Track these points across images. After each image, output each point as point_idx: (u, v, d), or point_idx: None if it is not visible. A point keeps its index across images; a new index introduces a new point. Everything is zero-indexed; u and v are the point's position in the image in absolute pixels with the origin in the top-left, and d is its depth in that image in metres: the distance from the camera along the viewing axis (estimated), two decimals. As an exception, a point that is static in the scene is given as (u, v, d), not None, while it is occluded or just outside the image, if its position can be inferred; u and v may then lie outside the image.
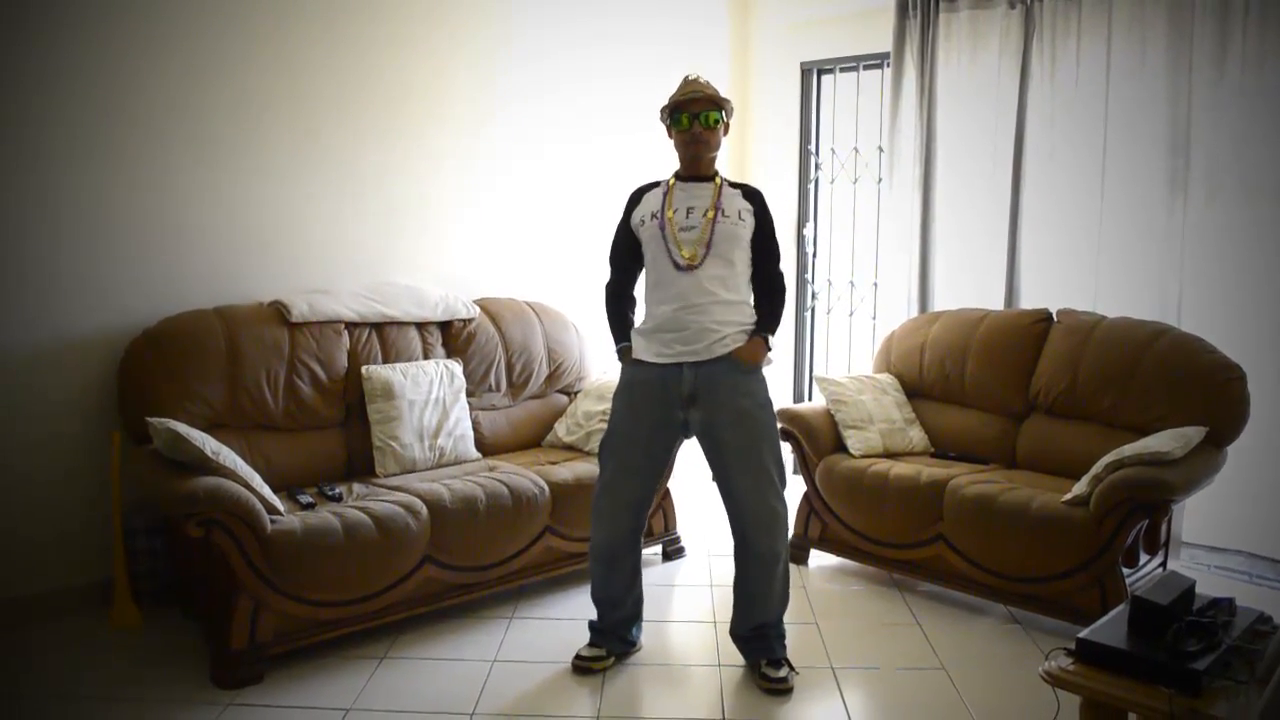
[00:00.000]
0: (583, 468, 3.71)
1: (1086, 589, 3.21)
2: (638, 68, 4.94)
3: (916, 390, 4.26)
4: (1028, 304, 4.38)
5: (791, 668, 3.01)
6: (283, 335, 3.54)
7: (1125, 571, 3.23)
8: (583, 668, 3.07)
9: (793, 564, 3.51)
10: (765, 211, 3.06)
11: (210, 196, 3.64)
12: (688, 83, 3.00)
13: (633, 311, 3.18)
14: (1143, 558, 3.38)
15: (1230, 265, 3.89)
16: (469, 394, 3.94)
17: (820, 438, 4.00)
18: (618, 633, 3.15)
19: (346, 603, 3.09)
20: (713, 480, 3.07)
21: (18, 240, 3.24)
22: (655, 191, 3.08)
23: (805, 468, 4.04)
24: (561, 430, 4.14)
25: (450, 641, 3.27)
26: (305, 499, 3.24)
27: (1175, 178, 3.98)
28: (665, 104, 3.02)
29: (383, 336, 3.81)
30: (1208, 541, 4.00)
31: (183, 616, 3.36)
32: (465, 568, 3.38)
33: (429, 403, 3.73)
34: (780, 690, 2.93)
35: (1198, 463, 3.28)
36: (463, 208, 4.40)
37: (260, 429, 3.49)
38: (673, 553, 4.12)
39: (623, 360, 3.10)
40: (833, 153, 5.31)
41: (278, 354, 3.50)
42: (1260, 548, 3.90)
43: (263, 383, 3.46)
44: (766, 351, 3.00)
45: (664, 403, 2.98)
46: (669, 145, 3.07)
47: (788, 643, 3.08)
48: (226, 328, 3.44)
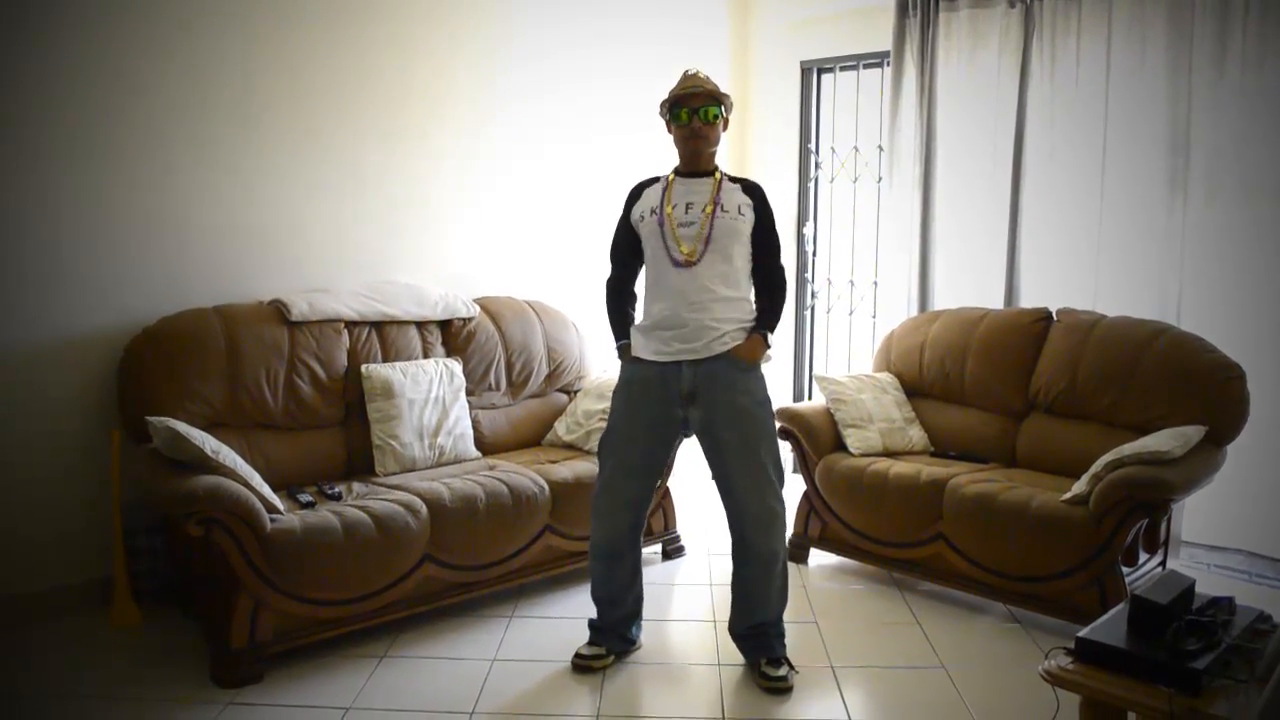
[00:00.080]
0: (582, 466, 3.71)
1: (1086, 588, 3.22)
2: (638, 68, 4.94)
3: (916, 389, 4.26)
4: (1027, 303, 4.38)
5: (791, 666, 3.01)
6: (282, 334, 3.54)
7: (1125, 570, 3.23)
8: (583, 666, 3.07)
9: (792, 563, 3.51)
10: (765, 205, 3.05)
11: (210, 196, 3.64)
12: (687, 77, 2.99)
13: (633, 308, 3.17)
14: (1142, 557, 3.38)
15: (1230, 265, 3.89)
16: (469, 393, 3.94)
17: (820, 437, 4.00)
18: (618, 631, 3.15)
19: (346, 602, 3.09)
20: (711, 478, 3.07)
21: (18, 240, 3.24)
22: (655, 187, 3.07)
23: (805, 467, 4.04)
24: (561, 429, 4.14)
25: (450, 640, 3.28)
26: (305, 498, 3.24)
27: (1175, 177, 3.99)
28: (665, 99, 3.02)
29: (382, 335, 3.81)
30: (1207, 540, 4.00)
31: (182, 616, 3.36)
32: (465, 567, 3.38)
33: (429, 402, 3.73)
34: (780, 689, 2.93)
35: (1197, 462, 3.28)
36: (463, 207, 4.40)
37: (260, 428, 3.49)
38: (672, 551, 4.12)
39: (622, 358, 3.10)
40: (833, 151, 5.31)
41: (277, 353, 3.51)
42: (1260, 547, 3.90)
43: (262, 382, 3.46)
44: (765, 349, 2.99)
45: (663, 400, 2.98)
46: (669, 144, 3.07)
47: (787, 641, 3.08)
48: (226, 327, 3.44)
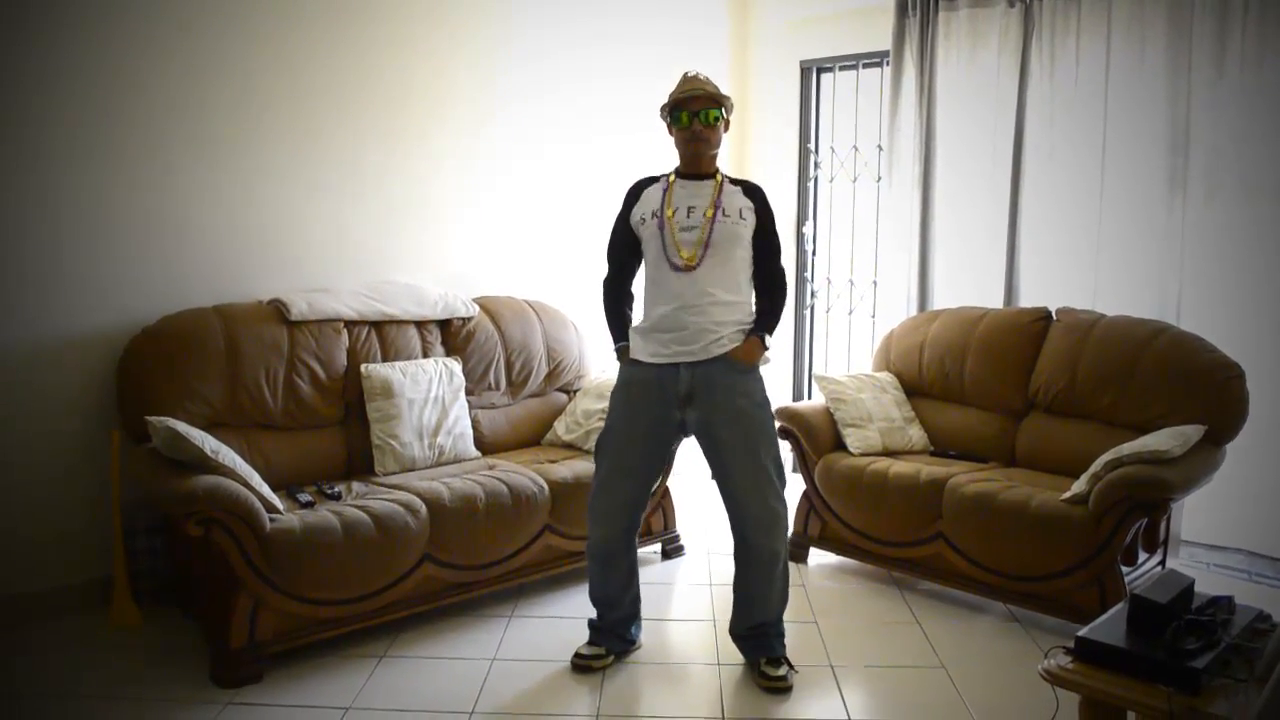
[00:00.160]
0: (582, 466, 3.71)
1: (1085, 587, 3.22)
2: (637, 68, 4.94)
3: (916, 389, 4.26)
4: (1027, 302, 4.38)
5: (791, 666, 3.01)
6: (282, 334, 3.54)
7: (1124, 570, 3.23)
8: (582, 666, 3.07)
9: (792, 562, 3.50)
10: (766, 208, 3.05)
11: (210, 196, 3.64)
12: (687, 80, 2.99)
13: (630, 308, 3.17)
14: (1142, 556, 3.38)
15: (1229, 264, 3.89)
16: (468, 392, 3.94)
17: (819, 436, 4.00)
18: (617, 632, 3.15)
19: (346, 601, 3.09)
20: (711, 479, 3.07)
21: (18, 240, 3.25)
22: (655, 188, 3.06)
23: (804, 466, 4.04)
24: (561, 428, 4.14)
25: (450, 640, 3.28)
26: (304, 498, 3.24)
27: (1174, 176, 3.99)
28: (665, 102, 3.01)
29: (382, 335, 3.81)
30: (1207, 540, 4.01)
31: (182, 615, 3.36)
32: (465, 566, 3.38)
33: (428, 401, 3.73)
34: (779, 688, 2.94)
35: (1197, 461, 3.28)
36: (462, 207, 4.40)
37: (259, 428, 3.49)
38: (672, 551, 4.12)
39: (620, 359, 3.10)
40: (832, 151, 5.31)
41: (277, 353, 3.51)
42: (1259, 546, 3.90)
43: (262, 381, 3.46)
44: (763, 351, 2.99)
45: (661, 402, 2.97)
46: (669, 144, 3.07)
47: (787, 641, 3.08)
48: (226, 326, 3.44)
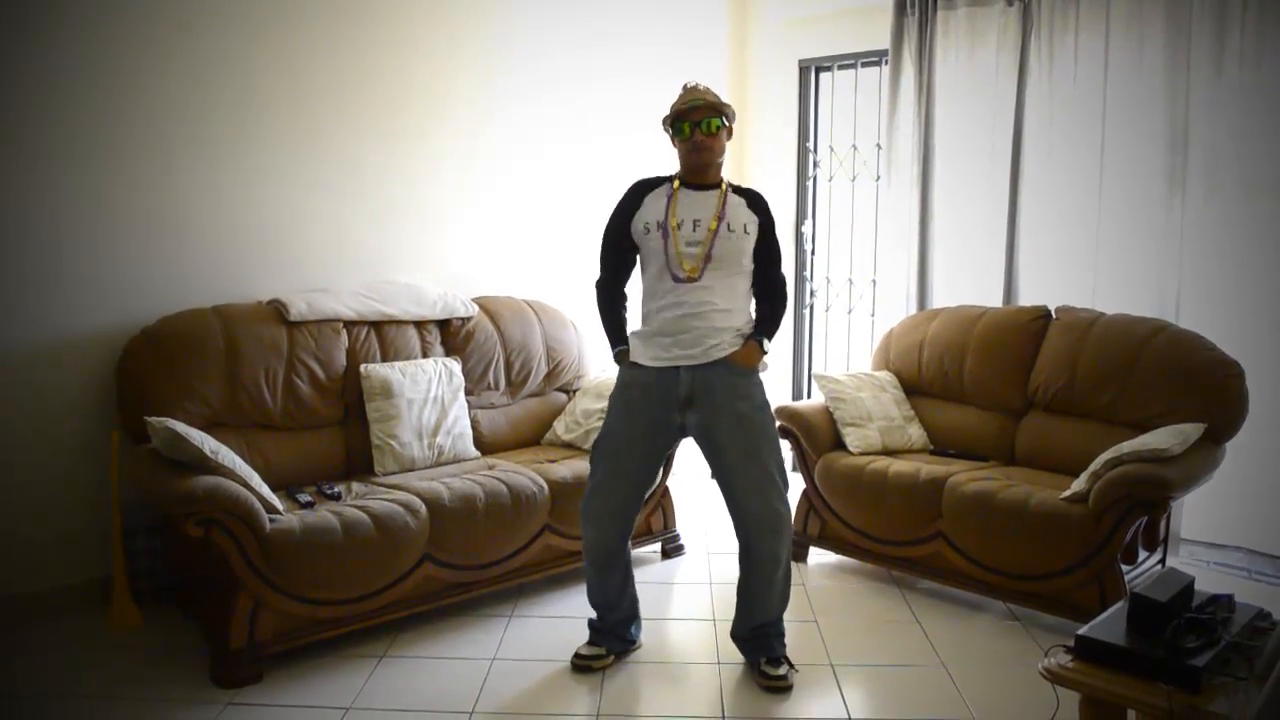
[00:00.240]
0: (582, 466, 3.70)
1: (1085, 586, 3.22)
2: (636, 67, 4.94)
3: (915, 387, 4.26)
4: (1026, 301, 4.38)
5: (791, 665, 3.01)
6: (281, 334, 3.54)
7: (1124, 568, 3.23)
8: (582, 666, 3.07)
9: (792, 562, 3.49)
10: (768, 217, 3.05)
11: (210, 196, 3.64)
12: (687, 90, 2.98)
13: (625, 309, 3.15)
14: (1142, 554, 3.38)
15: (1229, 262, 3.89)
16: (468, 392, 3.94)
17: (819, 435, 4.00)
18: (616, 632, 3.16)
19: (345, 601, 3.09)
20: (711, 478, 3.06)
21: (18, 240, 3.25)
22: (658, 195, 3.02)
23: (804, 465, 4.04)
24: (560, 428, 4.14)
25: (449, 640, 3.28)
26: (304, 498, 3.24)
27: (1174, 175, 3.99)
28: (666, 114, 3.01)
29: (381, 335, 3.81)
30: (1207, 538, 4.01)
31: (182, 616, 3.36)
32: (464, 566, 3.38)
33: (428, 401, 3.73)
34: (779, 688, 2.94)
35: (1196, 459, 3.28)
36: (462, 207, 4.40)
37: (259, 428, 3.49)
38: (671, 550, 4.12)
39: (620, 363, 3.09)
40: (831, 150, 5.31)
41: (276, 353, 3.51)
42: (1259, 544, 3.90)
43: (261, 381, 3.46)
44: (761, 355, 3.00)
45: (662, 404, 2.97)
46: (668, 144, 3.06)
47: (787, 640, 3.08)
48: (225, 326, 3.44)
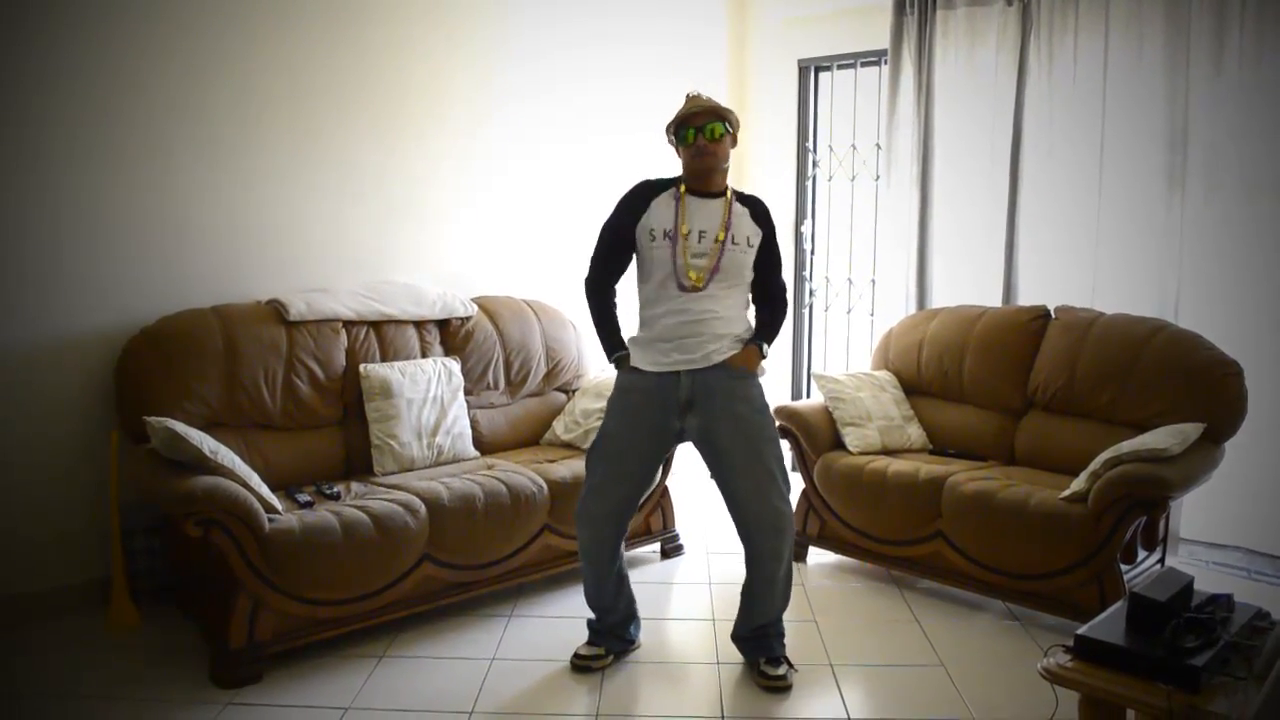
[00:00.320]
0: (581, 466, 3.70)
1: (1085, 585, 3.22)
2: (635, 67, 4.94)
3: (915, 387, 4.26)
4: (1025, 301, 4.38)
5: (790, 665, 3.01)
6: (280, 334, 3.54)
7: (1124, 568, 3.23)
8: (581, 666, 3.07)
9: (793, 561, 3.50)
10: (770, 225, 3.06)
11: (210, 196, 3.64)
12: (689, 99, 2.98)
13: (615, 307, 3.11)
14: (1141, 554, 3.38)
15: (1228, 261, 3.89)
16: (467, 392, 3.94)
17: (818, 435, 4.00)
18: (615, 632, 3.16)
19: (345, 601, 3.09)
20: (710, 478, 3.07)
21: (18, 240, 3.25)
22: (664, 200, 2.99)
23: (804, 465, 4.04)
24: (559, 428, 4.14)
25: (449, 640, 3.28)
26: (303, 498, 3.24)
27: (1173, 174, 3.99)
28: (670, 124, 3.00)
29: (381, 335, 3.81)
30: (1206, 538, 4.00)
31: (181, 616, 3.36)
32: (464, 566, 3.38)
33: (427, 401, 3.73)
34: (779, 688, 2.94)
35: (1196, 459, 3.28)
36: (460, 207, 4.40)
37: (258, 428, 3.49)
38: (671, 550, 4.12)
39: (619, 367, 3.08)
40: (830, 150, 5.31)
41: (275, 353, 3.50)
42: (1259, 544, 3.90)
43: (260, 381, 3.46)
44: (760, 360, 3.00)
45: (662, 408, 2.97)
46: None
47: (786, 640, 3.08)
48: (224, 326, 3.44)
